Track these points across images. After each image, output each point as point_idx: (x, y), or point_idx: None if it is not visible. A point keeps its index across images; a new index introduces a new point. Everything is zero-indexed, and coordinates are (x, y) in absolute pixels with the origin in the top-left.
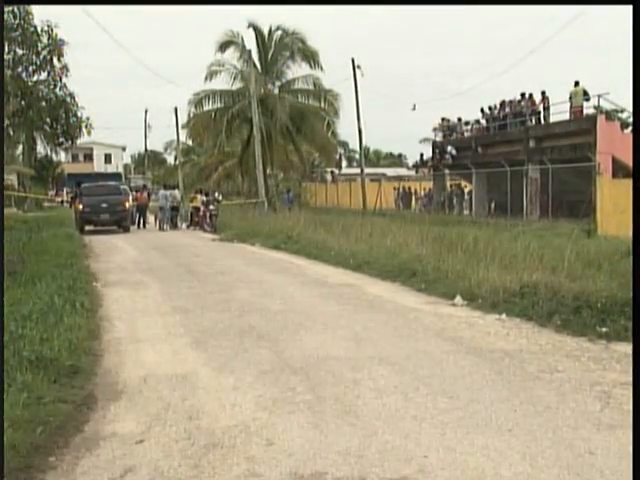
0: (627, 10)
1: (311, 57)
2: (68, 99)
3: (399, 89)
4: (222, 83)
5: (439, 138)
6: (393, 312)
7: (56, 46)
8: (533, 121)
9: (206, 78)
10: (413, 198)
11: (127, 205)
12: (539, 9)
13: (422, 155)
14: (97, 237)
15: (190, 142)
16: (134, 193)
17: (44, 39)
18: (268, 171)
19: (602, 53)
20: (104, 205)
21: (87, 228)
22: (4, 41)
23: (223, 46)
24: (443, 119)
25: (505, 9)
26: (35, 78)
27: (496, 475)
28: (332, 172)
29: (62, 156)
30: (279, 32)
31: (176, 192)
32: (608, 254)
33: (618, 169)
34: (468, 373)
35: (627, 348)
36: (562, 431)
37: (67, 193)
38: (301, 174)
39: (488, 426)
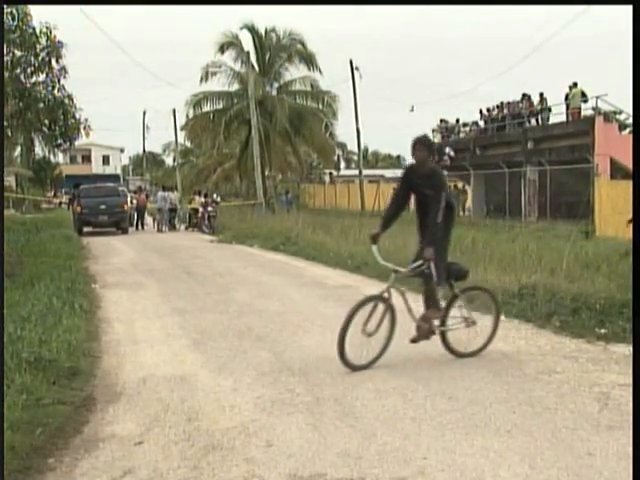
0: (627, 10)
1: (309, 59)
2: (66, 100)
3: (397, 90)
4: (219, 85)
5: (438, 139)
6: None
7: (54, 47)
8: (532, 122)
9: (201, 79)
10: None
11: (125, 206)
12: (539, 10)
13: None
14: (95, 239)
15: (188, 144)
16: (132, 194)
17: (42, 40)
18: (266, 172)
19: (601, 54)
20: (102, 207)
21: (85, 230)
22: (3, 42)
23: (223, 47)
24: (442, 120)
25: (505, 10)
26: (33, 79)
27: (495, 476)
28: (330, 173)
29: (60, 158)
30: (277, 33)
31: (174, 194)
32: (606, 255)
33: (616, 170)
34: (467, 374)
35: (626, 349)
36: (561, 432)
37: (65, 194)
38: (299, 175)
39: (487, 427)
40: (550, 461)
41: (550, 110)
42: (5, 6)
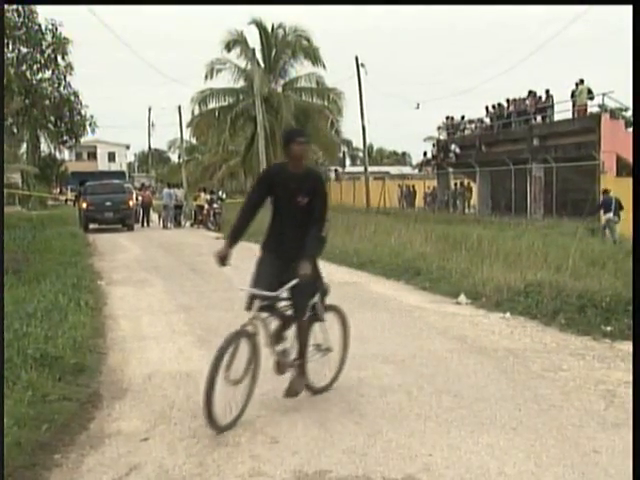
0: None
1: (313, 54)
2: (72, 97)
3: (403, 87)
4: (224, 81)
5: (443, 136)
6: (397, 311)
7: (60, 44)
8: (538, 119)
9: (206, 76)
10: (418, 196)
11: (131, 203)
12: (544, 7)
13: (425, 153)
14: (101, 235)
15: (194, 140)
16: (137, 191)
17: (48, 37)
18: None
19: (607, 51)
20: (108, 203)
21: (91, 226)
22: (4, 40)
23: (229, 45)
24: (447, 117)
25: (510, 8)
26: (39, 76)
27: (500, 474)
28: (336, 170)
29: (66, 154)
30: (282, 30)
31: (179, 191)
32: (612, 253)
33: (622, 167)
34: (472, 372)
35: (631, 347)
36: (566, 430)
37: (71, 191)
38: None
39: (492, 425)
40: (556, 458)
41: (553, 107)
42: (6, 5)
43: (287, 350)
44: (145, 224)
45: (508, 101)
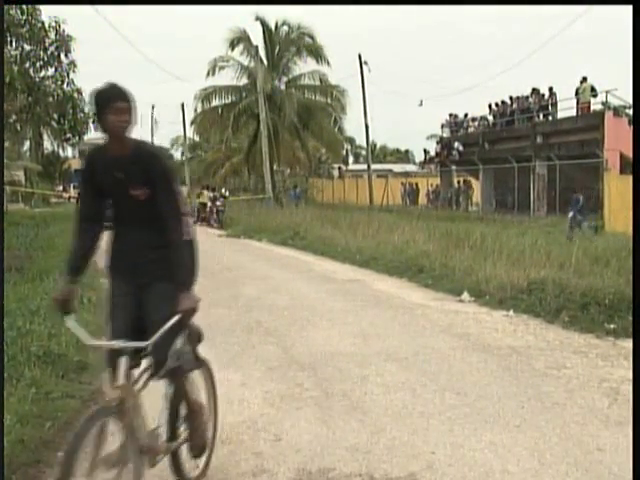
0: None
1: (317, 51)
2: (75, 95)
3: (406, 85)
4: (227, 79)
5: (446, 134)
6: (400, 308)
7: (63, 42)
8: (541, 117)
9: (208, 73)
10: (421, 194)
11: None
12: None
13: (427, 151)
14: (104, 233)
15: (197, 138)
16: None
17: (52, 35)
18: (275, 167)
19: (610, 49)
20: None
21: None
22: (5, 40)
23: (233, 43)
24: (450, 115)
25: (512, 6)
26: (42, 74)
27: (504, 471)
28: (339, 168)
29: (69, 152)
30: (286, 27)
31: (182, 188)
32: (616, 250)
33: (626, 165)
34: (476, 369)
35: None
36: (570, 427)
37: (74, 189)
38: (308, 170)
39: (496, 422)
40: (559, 456)
41: (555, 105)
42: (6, 5)
43: (158, 430)
44: None
45: (511, 99)
